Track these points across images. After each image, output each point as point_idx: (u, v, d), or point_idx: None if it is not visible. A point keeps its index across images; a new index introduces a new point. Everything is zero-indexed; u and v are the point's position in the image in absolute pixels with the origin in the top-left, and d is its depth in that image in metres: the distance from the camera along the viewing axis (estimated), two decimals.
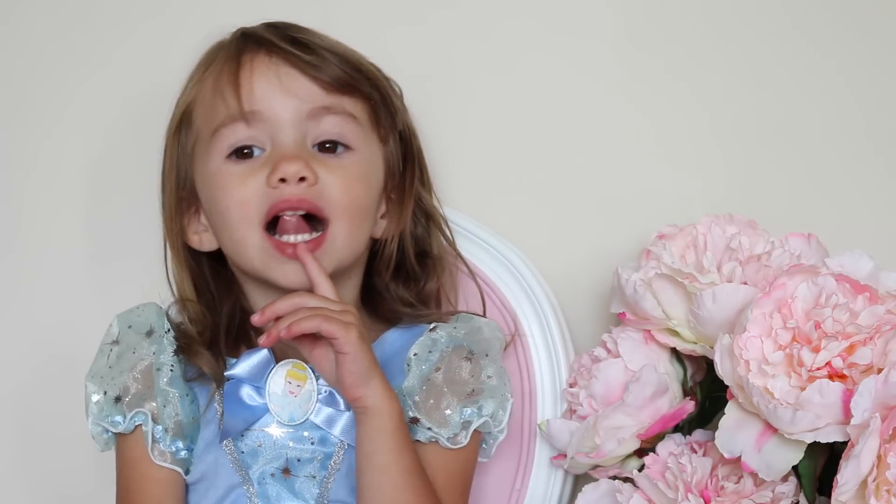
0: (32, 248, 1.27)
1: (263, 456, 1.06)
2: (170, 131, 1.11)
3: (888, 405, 0.96)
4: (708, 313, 1.05)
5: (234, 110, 1.05)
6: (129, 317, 1.10)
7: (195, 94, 1.09)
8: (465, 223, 1.20)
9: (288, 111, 1.06)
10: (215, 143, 1.06)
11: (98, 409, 1.06)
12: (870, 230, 1.24)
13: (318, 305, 1.01)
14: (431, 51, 1.20)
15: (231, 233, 1.06)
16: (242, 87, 1.05)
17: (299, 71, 1.06)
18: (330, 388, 1.05)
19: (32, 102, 1.28)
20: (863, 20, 1.26)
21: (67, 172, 1.27)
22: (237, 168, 1.06)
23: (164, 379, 1.06)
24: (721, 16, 1.26)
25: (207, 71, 1.09)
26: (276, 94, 1.05)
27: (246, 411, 1.05)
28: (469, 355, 1.09)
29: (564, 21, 1.26)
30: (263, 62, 1.06)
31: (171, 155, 1.11)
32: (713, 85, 1.26)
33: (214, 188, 1.07)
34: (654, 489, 1.06)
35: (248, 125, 1.05)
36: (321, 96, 1.07)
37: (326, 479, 1.06)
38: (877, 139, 1.26)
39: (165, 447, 1.05)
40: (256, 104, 1.05)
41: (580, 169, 1.26)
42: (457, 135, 1.21)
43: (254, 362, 1.05)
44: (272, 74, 1.06)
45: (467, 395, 1.07)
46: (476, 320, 1.13)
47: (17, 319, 1.27)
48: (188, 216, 1.11)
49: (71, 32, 1.28)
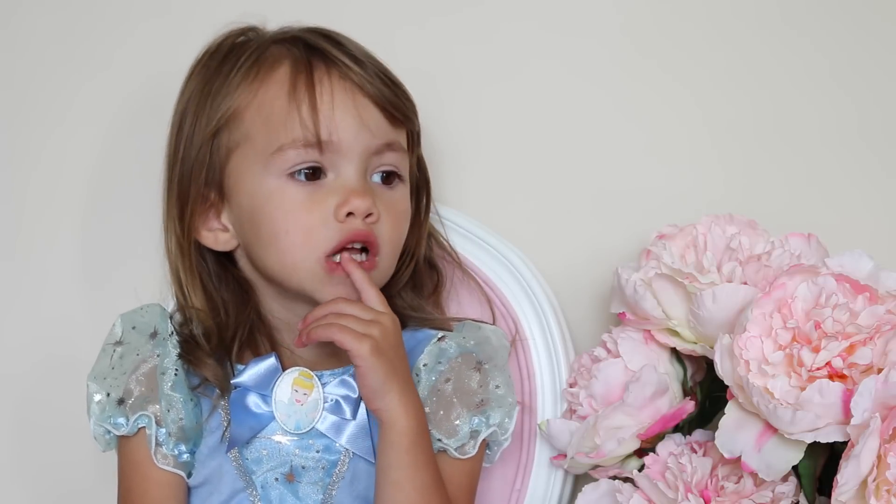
0: (34, 247, 1.27)
1: (268, 463, 1.05)
2: (203, 128, 1.06)
3: (888, 405, 0.96)
4: (708, 313, 1.05)
5: (311, 137, 1.03)
6: (132, 317, 1.09)
7: (248, 101, 1.05)
8: (465, 223, 1.20)
9: (361, 144, 1.04)
10: (277, 159, 1.03)
11: (100, 409, 1.06)
12: (870, 230, 1.24)
13: (347, 313, 1.01)
14: (433, 53, 1.21)
15: (284, 254, 1.04)
16: (322, 114, 1.03)
17: (373, 103, 1.05)
18: (336, 397, 1.05)
19: (33, 103, 1.28)
20: (862, 20, 1.26)
21: (68, 172, 1.27)
22: (301, 191, 1.04)
23: (168, 383, 1.05)
24: (721, 17, 1.26)
25: (262, 78, 1.05)
26: (354, 126, 1.04)
27: (252, 419, 1.05)
28: (478, 365, 1.09)
29: (564, 23, 1.26)
30: (340, 87, 1.04)
31: (201, 151, 1.06)
32: (713, 86, 1.26)
33: (272, 206, 1.04)
34: (654, 489, 1.06)
35: (320, 152, 1.04)
36: (389, 131, 1.06)
37: (330, 486, 1.05)
38: (877, 139, 1.26)
39: (168, 451, 1.05)
40: (335, 134, 1.03)
41: (580, 169, 1.26)
42: (457, 135, 1.21)
43: (261, 370, 1.05)
44: (350, 104, 1.04)
45: (476, 406, 1.07)
46: (484, 329, 1.12)
47: (17, 319, 1.27)
48: (202, 213, 1.08)
49: (72, 33, 1.28)
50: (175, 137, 1.09)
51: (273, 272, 1.06)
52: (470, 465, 1.08)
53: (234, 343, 1.07)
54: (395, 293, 1.12)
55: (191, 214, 1.07)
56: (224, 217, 1.08)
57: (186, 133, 1.08)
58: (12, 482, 1.27)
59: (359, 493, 1.05)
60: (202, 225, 1.08)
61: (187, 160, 1.07)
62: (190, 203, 1.07)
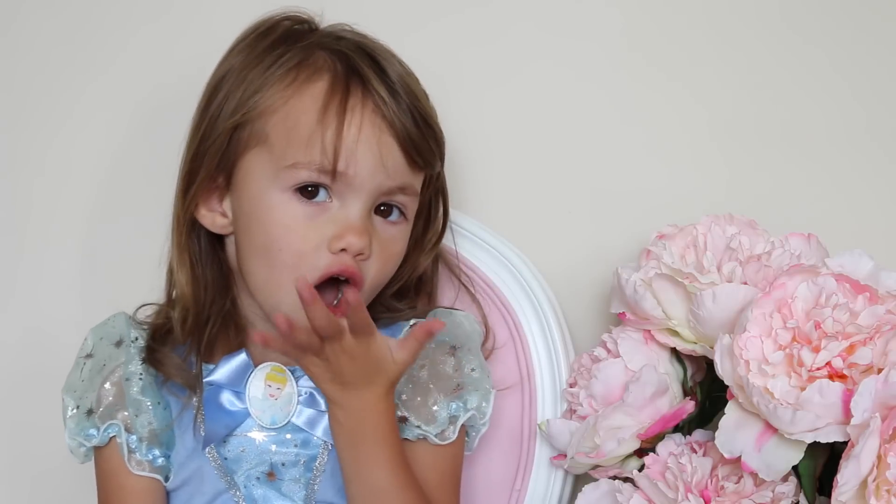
0: (35, 248, 1.27)
1: (247, 461, 1.06)
2: (228, 114, 1.04)
3: (888, 405, 0.96)
4: (708, 313, 1.05)
5: (328, 165, 1.01)
6: (101, 329, 1.10)
7: (278, 105, 1.03)
8: (465, 223, 1.20)
9: (374, 183, 1.03)
10: (289, 173, 1.02)
11: (73, 422, 1.06)
12: (870, 230, 1.24)
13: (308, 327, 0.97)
14: (436, 54, 1.20)
15: (272, 270, 1.03)
16: (345, 145, 1.01)
17: (398, 143, 1.03)
18: (310, 389, 1.05)
19: (36, 106, 1.28)
20: (864, 20, 1.26)
21: (71, 175, 1.27)
22: (303, 212, 1.02)
23: (134, 388, 1.06)
24: (722, 17, 1.26)
25: (297, 86, 1.03)
26: (372, 164, 1.02)
27: (227, 417, 1.05)
28: (452, 350, 1.09)
29: (565, 25, 1.26)
30: (370, 121, 1.02)
31: (220, 136, 1.05)
32: (713, 85, 1.26)
33: (271, 220, 1.03)
34: (654, 489, 1.06)
35: (332, 180, 1.02)
36: (406, 175, 1.05)
37: (312, 481, 1.06)
38: (877, 139, 1.26)
39: (142, 456, 1.05)
40: (351, 168, 1.02)
41: (580, 169, 1.26)
42: (458, 136, 1.21)
43: (232, 367, 1.05)
44: (374, 141, 1.02)
45: (453, 391, 1.08)
46: (455, 314, 1.12)
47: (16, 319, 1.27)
48: (207, 192, 1.07)
49: (75, 35, 1.27)
50: (202, 111, 1.07)
51: (254, 284, 1.05)
52: (451, 451, 1.08)
53: (208, 326, 1.07)
54: (376, 301, 1.11)
55: (195, 191, 1.06)
56: (226, 204, 1.07)
57: (212, 112, 1.06)
58: (12, 482, 1.27)
59: (341, 485, 1.04)
60: (203, 203, 1.07)
61: (206, 139, 1.06)
62: (198, 180, 1.06)
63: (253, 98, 1.04)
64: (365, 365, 0.97)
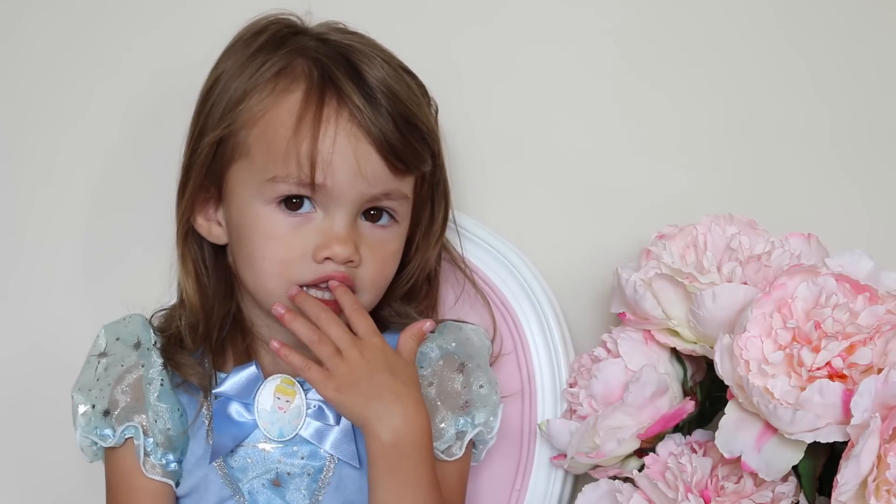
0: (38, 247, 1.27)
1: (254, 470, 1.06)
2: (210, 129, 1.05)
3: (888, 405, 0.96)
4: (708, 313, 1.06)
5: (306, 178, 1.01)
6: (116, 328, 1.09)
7: (258, 117, 1.03)
8: (465, 223, 1.20)
9: (355, 192, 1.02)
10: (269, 187, 1.02)
11: (86, 421, 1.06)
12: (870, 230, 1.24)
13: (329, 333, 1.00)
14: (431, 52, 1.20)
15: (258, 278, 1.04)
16: (321, 156, 1.00)
17: (377, 150, 1.02)
18: (319, 402, 1.05)
19: (39, 106, 1.28)
20: (860, 21, 1.26)
21: (72, 175, 1.27)
22: (286, 223, 1.03)
23: (154, 393, 1.06)
24: (723, 18, 1.26)
25: (275, 96, 1.03)
26: (350, 174, 1.01)
27: (235, 428, 1.05)
28: (460, 367, 1.09)
29: (564, 22, 1.26)
30: (345, 131, 1.01)
31: (208, 149, 1.05)
32: (713, 85, 1.26)
33: (255, 231, 1.03)
34: (654, 489, 1.06)
35: (312, 192, 1.02)
36: (389, 181, 1.04)
37: (317, 493, 1.06)
38: (877, 139, 1.26)
39: (156, 460, 1.05)
40: (329, 179, 1.01)
41: (580, 169, 1.26)
42: (457, 136, 1.21)
43: (242, 379, 1.05)
44: (351, 151, 1.01)
45: (461, 407, 1.08)
46: (464, 329, 1.13)
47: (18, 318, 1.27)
48: (202, 201, 1.07)
49: (80, 36, 1.27)
50: (195, 119, 1.08)
51: (248, 288, 1.07)
52: (458, 467, 1.08)
53: (215, 331, 1.07)
54: (384, 304, 1.11)
55: (191, 201, 1.07)
56: (220, 214, 1.08)
57: (201, 122, 1.06)
58: (12, 482, 1.27)
59: (346, 499, 1.05)
60: (200, 212, 1.08)
61: (195, 151, 1.06)
62: (188, 191, 1.07)
63: (236, 109, 1.04)
64: (384, 364, 1.00)
